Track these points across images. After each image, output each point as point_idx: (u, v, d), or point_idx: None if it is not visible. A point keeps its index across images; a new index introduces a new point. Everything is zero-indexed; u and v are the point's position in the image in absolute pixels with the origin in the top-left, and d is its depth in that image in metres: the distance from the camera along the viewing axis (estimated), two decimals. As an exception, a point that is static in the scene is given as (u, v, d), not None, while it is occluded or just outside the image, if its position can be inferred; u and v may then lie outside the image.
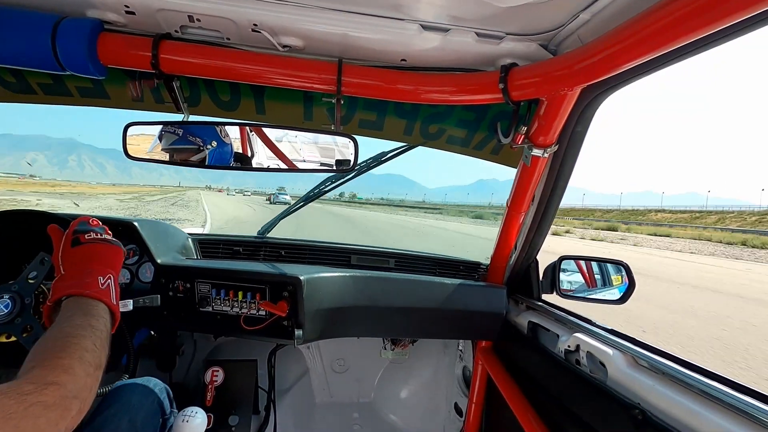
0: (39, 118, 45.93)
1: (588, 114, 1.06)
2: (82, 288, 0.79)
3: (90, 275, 0.83)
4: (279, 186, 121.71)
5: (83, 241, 0.89)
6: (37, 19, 0.94)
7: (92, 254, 0.88)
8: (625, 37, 0.72)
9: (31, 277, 1.02)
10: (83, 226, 0.93)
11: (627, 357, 0.94)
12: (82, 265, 0.85)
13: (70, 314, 0.73)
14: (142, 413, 1.07)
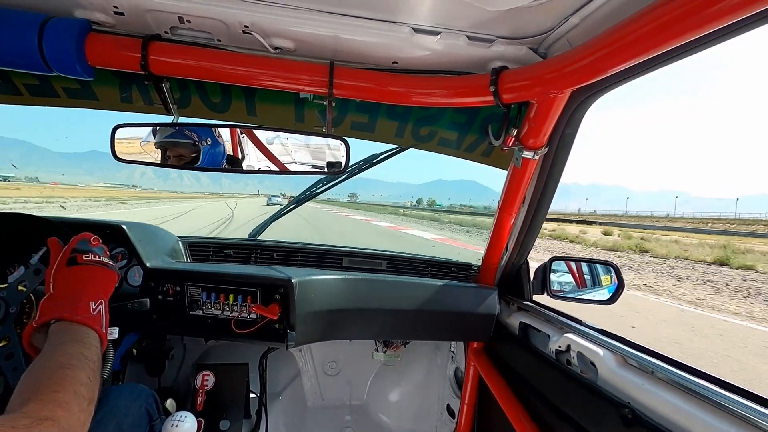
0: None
1: (577, 116, 1.08)
2: (73, 313, 0.77)
3: (81, 300, 0.81)
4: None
5: (80, 261, 0.88)
6: (23, 18, 0.93)
7: (86, 277, 0.87)
8: (614, 40, 0.73)
9: (21, 286, 0.99)
10: (83, 245, 0.92)
11: (617, 357, 0.96)
12: (75, 287, 0.84)
13: (62, 341, 0.71)
14: (129, 418, 1.06)
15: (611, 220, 64.19)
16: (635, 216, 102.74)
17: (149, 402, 1.15)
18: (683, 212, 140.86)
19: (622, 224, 49.64)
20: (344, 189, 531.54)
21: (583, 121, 1.10)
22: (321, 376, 2.09)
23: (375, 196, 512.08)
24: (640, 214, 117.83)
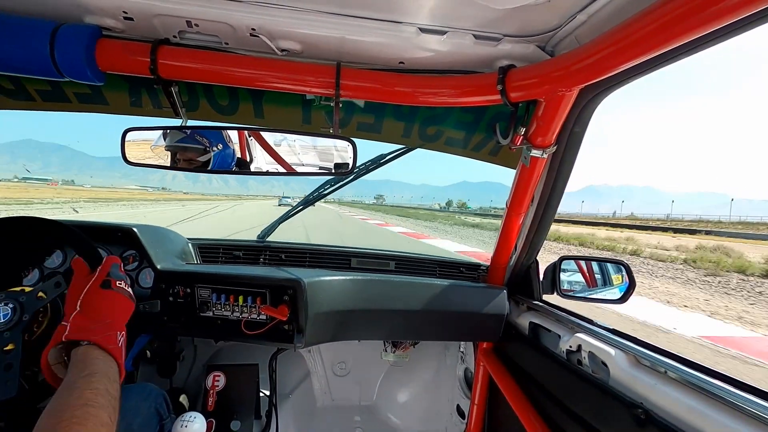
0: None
1: (586, 114, 1.07)
2: (106, 342, 0.78)
3: (110, 327, 0.82)
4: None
5: (113, 287, 0.89)
6: (35, 25, 0.94)
7: (115, 304, 0.88)
8: (623, 37, 0.72)
9: (42, 293, 1.00)
10: (116, 269, 0.93)
11: (629, 356, 0.94)
12: (105, 312, 0.85)
13: (90, 372, 0.71)
14: (139, 418, 1.07)
15: (675, 225, 51.24)
16: (702, 221, 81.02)
17: (159, 402, 1.16)
18: (742, 216, 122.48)
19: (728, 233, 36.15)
20: (370, 191, 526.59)
21: (612, 120, 1.09)
22: (330, 377, 2.09)
23: (402, 197, 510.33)
24: (685, 217, 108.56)
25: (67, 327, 0.79)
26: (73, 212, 20.46)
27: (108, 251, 1.45)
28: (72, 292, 0.88)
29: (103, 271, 0.91)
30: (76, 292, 0.87)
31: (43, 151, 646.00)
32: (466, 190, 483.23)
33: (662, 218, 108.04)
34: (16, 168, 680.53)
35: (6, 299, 0.97)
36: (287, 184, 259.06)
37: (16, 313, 0.96)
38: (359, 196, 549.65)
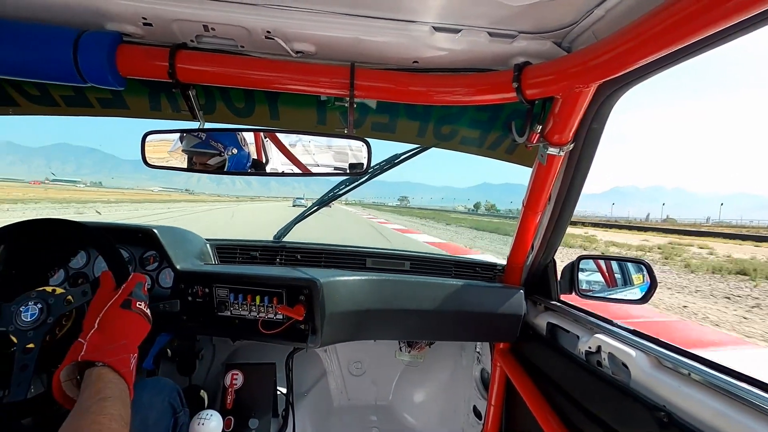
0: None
1: (604, 111, 1.05)
2: (120, 365, 0.79)
3: (125, 349, 0.83)
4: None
5: (133, 308, 0.91)
6: (59, 33, 0.97)
7: (133, 325, 0.89)
8: (642, 31, 0.70)
9: (67, 299, 1.02)
10: (139, 289, 0.95)
11: (650, 358, 0.92)
12: (121, 332, 0.86)
13: (103, 396, 0.71)
14: (153, 412, 1.08)
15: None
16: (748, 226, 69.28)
17: (173, 395, 1.17)
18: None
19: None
20: (391, 192, 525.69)
21: (639, 117, 1.06)
22: (347, 376, 2.10)
23: (422, 199, 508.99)
24: (725, 220, 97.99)
25: (83, 346, 0.80)
26: (96, 213, 21.01)
27: (129, 252, 1.49)
28: (94, 306, 0.90)
29: (126, 290, 0.93)
30: (98, 307, 0.89)
31: (76, 154, 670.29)
32: (487, 191, 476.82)
33: (702, 221, 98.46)
34: (51, 170, 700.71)
35: (36, 299, 1.00)
36: (308, 185, 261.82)
37: (42, 313, 0.99)
38: (380, 197, 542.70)
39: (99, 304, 0.89)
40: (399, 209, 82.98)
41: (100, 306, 0.89)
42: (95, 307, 0.89)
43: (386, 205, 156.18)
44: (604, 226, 42.73)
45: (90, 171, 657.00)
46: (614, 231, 34.67)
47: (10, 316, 0.98)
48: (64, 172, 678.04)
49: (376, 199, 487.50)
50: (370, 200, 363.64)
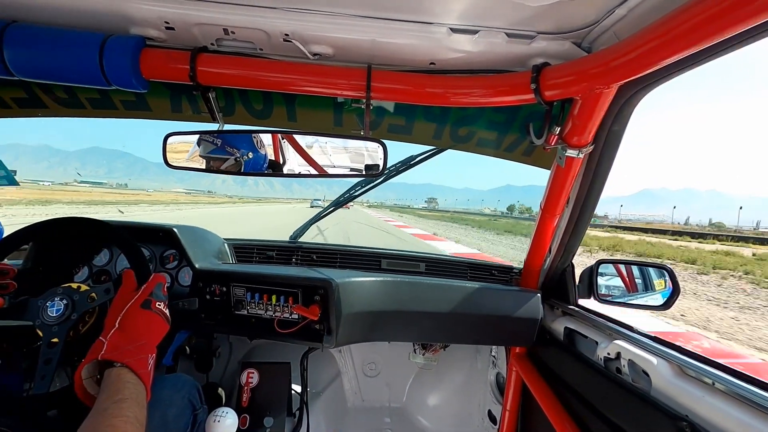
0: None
1: (626, 112, 1.03)
2: (139, 365, 0.80)
3: (144, 349, 0.84)
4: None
5: (153, 308, 0.92)
6: (86, 38, 1.00)
7: (152, 325, 0.91)
8: (666, 30, 0.68)
9: (91, 296, 1.05)
10: (159, 290, 0.97)
11: (672, 366, 0.90)
12: (142, 333, 0.87)
13: (122, 398, 0.73)
14: (173, 408, 1.09)
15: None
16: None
17: (192, 392, 1.18)
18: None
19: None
20: (413, 194, 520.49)
21: (672, 118, 1.04)
22: (361, 377, 2.10)
23: (446, 201, 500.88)
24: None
25: (104, 345, 0.81)
26: (119, 213, 21.59)
27: (150, 250, 1.52)
28: (115, 305, 0.92)
29: (146, 290, 0.94)
30: (119, 306, 0.91)
31: (108, 158, 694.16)
32: (510, 193, 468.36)
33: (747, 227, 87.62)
34: (86, 173, 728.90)
35: (62, 294, 1.04)
36: (329, 187, 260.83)
37: (67, 309, 1.02)
38: (403, 199, 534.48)
39: (120, 303, 0.91)
40: (426, 213, 76.87)
41: (121, 305, 0.91)
42: (116, 306, 0.91)
43: (411, 208, 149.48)
44: (639, 230, 40.16)
45: (121, 173, 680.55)
46: (660, 237, 31.91)
47: (37, 311, 1.01)
48: (97, 174, 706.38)
49: (398, 201, 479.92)
50: (393, 202, 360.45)
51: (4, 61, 0.99)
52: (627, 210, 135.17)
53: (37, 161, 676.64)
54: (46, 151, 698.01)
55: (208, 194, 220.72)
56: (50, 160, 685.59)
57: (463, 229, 30.64)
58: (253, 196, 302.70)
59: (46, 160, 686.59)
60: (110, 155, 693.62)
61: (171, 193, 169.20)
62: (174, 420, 1.08)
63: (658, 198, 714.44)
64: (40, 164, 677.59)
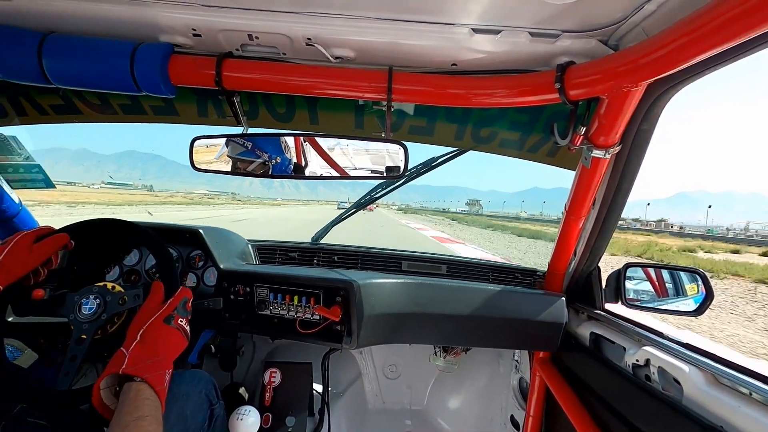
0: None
1: (655, 111, 0.99)
2: (157, 382, 0.83)
3: (162, 365, 0.87)
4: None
5: (174, 323, 0.95)
6: (118, 46, 1.05)
7: (172, 341, 0.93)
8: (698, 26, 0.66)
9: (122, 300, 1.09)
10: (183, 306, 0.99)
11: (706, 374, 0.86)
12: (161, 346, 0.90)
13: (140, 416, 0.75)
14: (191, 403, 1.11)
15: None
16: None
17: (208, 388, 1.20)
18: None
19: None
20: (437, 196, 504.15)
21: (715, 116, 0.99)
22: (381, 379, 2.10)
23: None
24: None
25: (125, 358, 0.84)
26: (148, 214, 22.30)
27: (177, 250, 1.57)
28: (139, 316, 0.94)
29: (171, 306, 0.97)
30: (142, 318, 0.93)
31: (143, 161, 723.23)
32: (538, 196, 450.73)
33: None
34: (122, 176, 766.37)
35: (97, 293, 1.07)
36: (353, 189, 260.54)
37: (99, 308, 1.06)
38: (432, 201, 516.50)
39: (144, 316, 0.94)
40: (468, 218, 66.75)
41: (145, 317, 0.93)
42: (140, 318, 0.93)
43: (449, 212, 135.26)
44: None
45: (153, 176, 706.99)
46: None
47: (72, 306, 1.05)
48: (132, 176, 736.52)
49: (426, 202, 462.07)
50: (421, 204, 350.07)
51: (43, 70, 1.03)
52: (660, 214, 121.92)
53: (76, 164, 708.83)
54: (84, 155, 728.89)
55: (231, 196, 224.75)
56: (85, 163, 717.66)
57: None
58: (272, 198, 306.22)
59: (85, 163, 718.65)
60: (144, 158, 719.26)
61: (195, 194, 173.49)
62: (192, 415, 1.09)
63: (696, 201, 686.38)
64: (79, 167, 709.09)
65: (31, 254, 1.02)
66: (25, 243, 1.02)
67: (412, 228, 27.29)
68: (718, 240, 37.88)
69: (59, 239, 1.08)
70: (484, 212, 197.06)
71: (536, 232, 32.75)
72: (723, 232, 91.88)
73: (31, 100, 1.41)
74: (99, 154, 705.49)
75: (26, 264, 1.02)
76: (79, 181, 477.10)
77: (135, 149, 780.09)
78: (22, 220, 1.54)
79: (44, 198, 34.27)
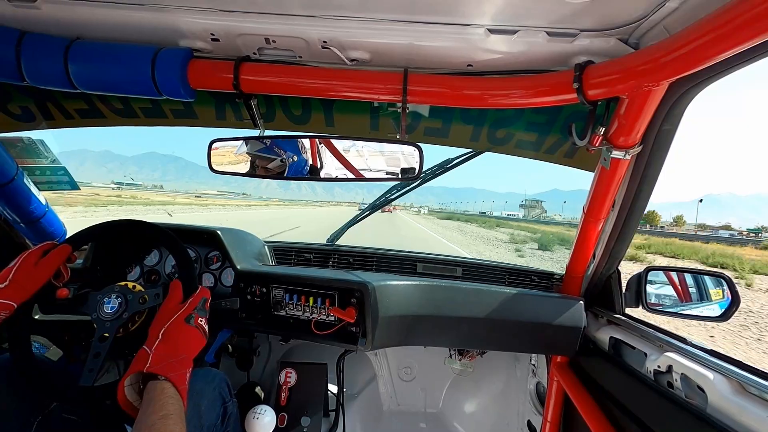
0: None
1: (678, 110, 0.97)
2: (179, 380, 0.85)
3: (184, 364, 0.89)
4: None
5: (195, 323, 0.97)
6: (139, 51, 1.07)
7: (192, 340, 0.95)
8: (723, 23, 0.64)
9: (143, 299, 1.12)
10: (202, 305, 1.02)
11: (732, 382, 0.83)
12: (182, 345, 0.92)
13: (165, 414, 0.77)
14: (204, 399, 1.13)
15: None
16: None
17: (221, 386, 1.22)
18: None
19: None
20: (453, 198, 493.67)
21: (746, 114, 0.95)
22: (396, 381, 2.10)
23: (493, 204, 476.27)
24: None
25: (149, 357, 0.86)
26: (168, 216, 22.78)
27: (196, 251, 1.59)
28: (160, 316, 0.97)
29: (191, 306, 0.99)
30: (164, 317, 0.95)
31: (163, 162, 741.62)
32: (557, 198, 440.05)
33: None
34: (143, 177, 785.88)
35: (119, 292, 1.10)
36: (369, 190, 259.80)
37: (121, 307, 1.09)
38: (453, 202, 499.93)
39: (165, 315, 0.96)
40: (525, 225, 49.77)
41: (166, 316, 0.95)
42: (162, 317, 0.96)
43: (491, 217, 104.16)
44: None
45: (173, 177, 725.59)
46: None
47: (95, 304, 1.08)
48: (152, 177, 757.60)
49: (447, 205, 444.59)
50: (451, 207, 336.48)
51: (69, 75, 1.07)
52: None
53: (100, 165, 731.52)
54: (107, 156, 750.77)
55: (242, 197, 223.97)
56: (108, 165, 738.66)
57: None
58: (287, 199, 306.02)
59: (108, 164, 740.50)
60: (165, 160, 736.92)
61: (207, 196, 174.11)
62: (206, 411, 1.11)
63: (724, 204, 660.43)
64: (102, 168, 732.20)
65: (38, 269, 1.06)
66: (32, 260, 1.06)
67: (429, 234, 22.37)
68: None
69: (63, 252, 1.12)
70: (546, 216, 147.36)
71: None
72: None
73: (57, 105, 1.45)
74: (121, 156, 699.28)
75: (37, 279, 1.05)
76: (88, 181, 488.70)
77: (156, 151, 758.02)
78: (48, 220, 1.59)
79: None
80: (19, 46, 1.05)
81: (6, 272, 1.02)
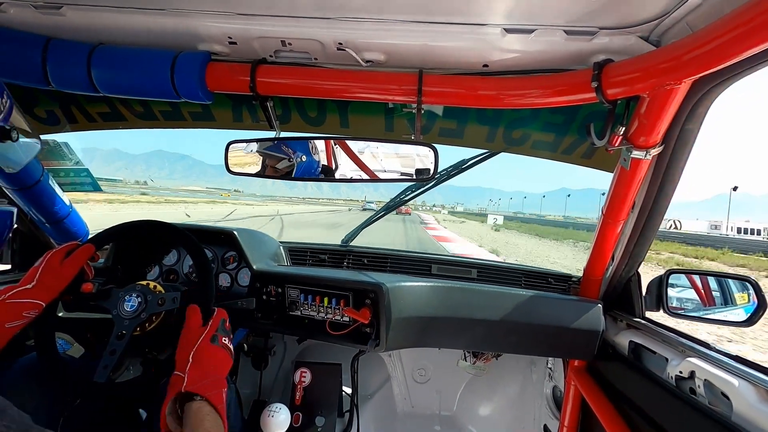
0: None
1: (701, 109, 0.94)
2: (216, 399, 0.86)
3: (218, 383, 0.90)
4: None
5: (219, 342, 0.99)
6: (159, 55, 1.10)
7: (221, 360, 0.97)
8: (748, 19, 0.62)
9: (161, 301, 1.13)
10: (222, 325, 1.03)
11: (758, 390, 0.81)
12: (213, 365, 0.93)
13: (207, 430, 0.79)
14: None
15: None
16: None
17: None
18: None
19: None
20: (460, 197, 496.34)
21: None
22: (410, 383, 2.09)
23: (501, 203, 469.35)
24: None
25: (184, 379, 0.87)
26: (186, 216, 23.18)
27: (213, 251, 1.62)
28: (184, 342, 0.98)
29: (213, 327, 1.01)
30: (189, 341, 0.96)
31: (170, 161, 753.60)
32: (566, 197, 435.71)
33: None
34: (146, 174, 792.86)
35: (139, 292, 1.13)
36: (376, 189, 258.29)
37: (140, 306, 1.11)
38: (451, 202, 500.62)
39: (190, 339, 0.97)
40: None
41: (190, 340, 0.97)
42: (186, 342, 0.97)
43: (525, 218, 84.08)
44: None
45: (181, 175, 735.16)
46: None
47: (116, 301, 1.11)
48: (160, 176, 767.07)
49: (461, 204, 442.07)
50: (473, 208, 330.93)
51: (92, 79, 1.10)
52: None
53: (108, 163, 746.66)
54: (115, 155, 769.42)
55: (234, 193, 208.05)
56: (116, 163, 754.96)
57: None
58: (287, 197, 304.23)
59: (116, 162, 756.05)
60: (172, 158, 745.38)
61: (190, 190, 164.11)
62: None
63: (739, 205, 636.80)
64: (110, 167, 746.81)
65: (63, 269, 1.08)
66: (57, 259, 1.09)
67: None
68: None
69: (87, 251, 1.14)
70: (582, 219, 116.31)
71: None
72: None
73: (81, 109, 1.49)
74: (129, 154, 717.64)
75: (62, 279, 1.08)
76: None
77: (163, 149, 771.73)
78: (72, 221, 1.64)
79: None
80: (45, 51, 1.08)
81: (32, 272, 1.05)
